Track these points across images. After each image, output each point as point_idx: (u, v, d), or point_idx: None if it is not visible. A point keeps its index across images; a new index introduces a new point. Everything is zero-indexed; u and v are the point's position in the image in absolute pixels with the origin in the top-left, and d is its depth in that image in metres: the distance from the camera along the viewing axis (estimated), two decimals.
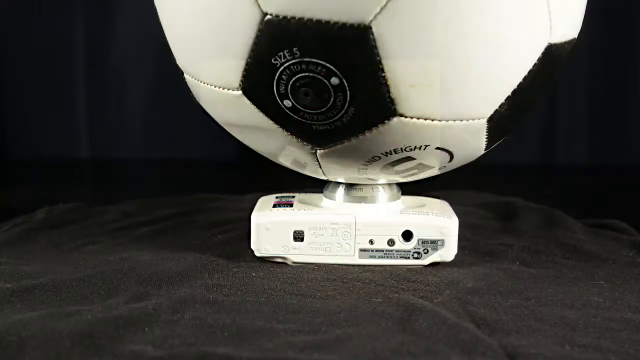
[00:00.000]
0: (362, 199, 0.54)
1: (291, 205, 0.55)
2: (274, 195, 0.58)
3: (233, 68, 0.44)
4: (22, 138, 1.10)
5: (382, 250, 0.53)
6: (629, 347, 0.40)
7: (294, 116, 0.45)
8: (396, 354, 0.38)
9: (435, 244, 0.52)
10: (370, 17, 0.40)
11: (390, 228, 0.52)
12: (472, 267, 0.54)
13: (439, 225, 0.53)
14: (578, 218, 0.70)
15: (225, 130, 0.53)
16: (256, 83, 0.45)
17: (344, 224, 0.52)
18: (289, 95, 0.44)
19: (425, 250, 0.52)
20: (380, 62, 0.41)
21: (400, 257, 0.53)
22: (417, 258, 0.53)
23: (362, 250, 0.53)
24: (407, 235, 0.52)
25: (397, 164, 0.49)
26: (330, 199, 0.55)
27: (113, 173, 1.04)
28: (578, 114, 1.13)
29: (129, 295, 0.47)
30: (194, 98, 0.51)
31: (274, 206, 0.55)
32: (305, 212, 0.53)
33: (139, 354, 0.37)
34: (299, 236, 0.53)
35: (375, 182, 0.54)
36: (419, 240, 0.52)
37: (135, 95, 1.10)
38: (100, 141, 1.10)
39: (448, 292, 0.49)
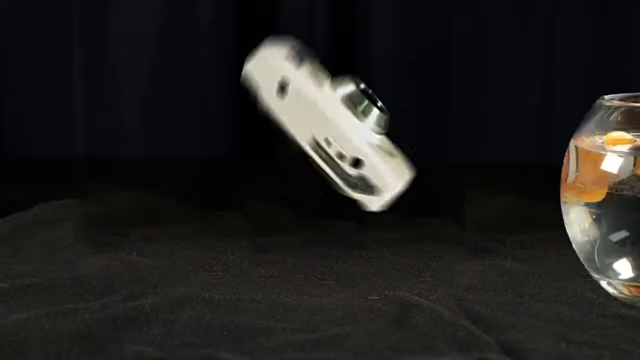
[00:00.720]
0: None
1: None
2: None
3: None
4: (18, 136, 1.10)
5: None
6: (623, 343, 0.41)
7: None
8: (395, 352, 0.38)
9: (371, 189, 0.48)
10: None
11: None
12: (466, 264, 0.55)
13: (385, 177, 0.48)
14: None
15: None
16: None
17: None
18: None
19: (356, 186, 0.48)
20: None
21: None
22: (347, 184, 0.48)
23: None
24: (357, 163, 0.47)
25: None
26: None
27: (109, 171, 1.03)
28: (577, 113, 1.13)
29: (125, 294, 0.46)
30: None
31: None
32: None
33: (140, 355, 0.37)
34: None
35: None
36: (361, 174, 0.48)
37: (132, 94, 1.09)
38: (97, 139, 1.10)
39: (443, 289, 0.49)
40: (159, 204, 0.73)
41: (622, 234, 0.45)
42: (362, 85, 0.49)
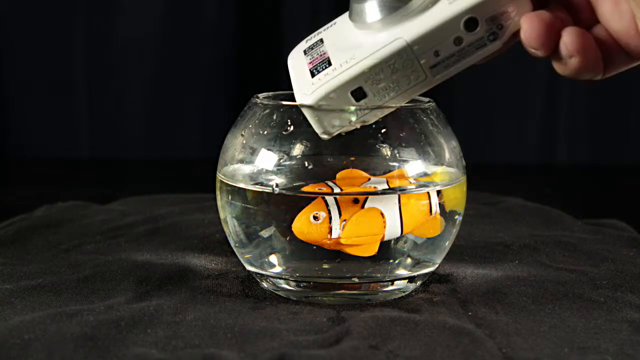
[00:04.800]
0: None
1: (328, 61, 0.43)
2: (301, 50, 0.47)
3: None
4: (23, 138, 1.10)
5: (453, 55, 0.42)
6: (629, 348, 0.40)
7: None
8: (397, 357, 0.38)
9: (506, 14, 0.41)
10: None
11: (449, 28, 0.41)
12: (471, 267, 0.54)
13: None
14: (578, 217, 0.70)
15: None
16: None
17: (397, 53, 0.41)
18: None
19: (500, 26, 0.41)
20: None
21: (477, 49, 0.42)
22: (494, 39, 0.42)
23: (432, 67, 0.42)
24: (471, 25, 0.41)
25: None
26: (364, 28, 0.43)
27: (113, 173, 1.04)
28: (578, 114, 1.13)
29: (130, 296, 0.46)
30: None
31: (312, 74, 0.43)
32: (348, 64, 0.42)
33: (144, 357, 0.37)
34: (360, 94, 0.43)
35: None
36: (486, 20, 0.41)
37: (136, 95, 1.10)
38: (100, 141, 1.10)
39: (447, 291, 0.49)
40: (159, 204, 0.73)
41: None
42: None
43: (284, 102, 0.47)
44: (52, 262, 0.54)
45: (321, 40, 0.45)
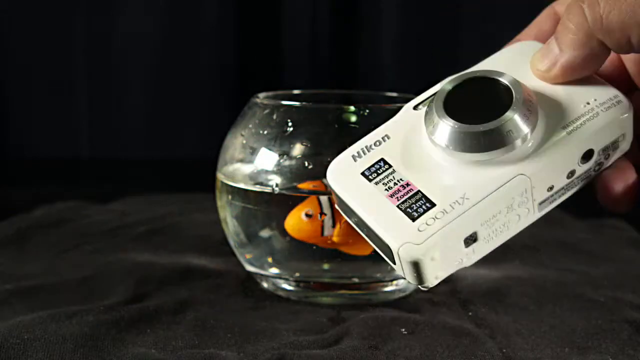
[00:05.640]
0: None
1: (427, 200, 0.34)
2: (358, 172, 0.36)
3: None
4: (22, 138, 1.10)
5: (563, 188, 0.37)
6: (629, 348, 0.40)
7: None
8: (397, 357, 0.38)
9: (616, 143, 0.37)
10: None
11: (568, 161, 0.36)
12: (471, 268, 0.54)
13: (616, 118, 0.36)
14: (578, 217, 0.70)
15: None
16: None
17: (519, 192, 0.35)
18: None
19: (607, 156, 0.37)
20: None
21: (582, 180, 0.37)
22: (599, 170, 0.38)
23: (541, 203, 0.37)
24: (587, 156, 0.36)
25: None
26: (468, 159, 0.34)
27: (113, 173, 1.04)
28: None
29: (129, 296, 0.46)
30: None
31: (410, 216, 0.34)
32: (463, 206, 0.34)
33: (144, 357, 0.37)
34: (471, 239, 0.35)
35: None
36: (599, 151, 0.36)
37: (136, 95, 1.10)
38: (100, 141, 1.10)
39: (447, 292, 0.49)
40: (159, 204, 0.73)
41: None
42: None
43: (284, 102, 0.47)
44: (51, 262, 0.54)
45: (385, 162, 0.36)
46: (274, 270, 0.47)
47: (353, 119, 0.45)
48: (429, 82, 0.38)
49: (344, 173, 0.36)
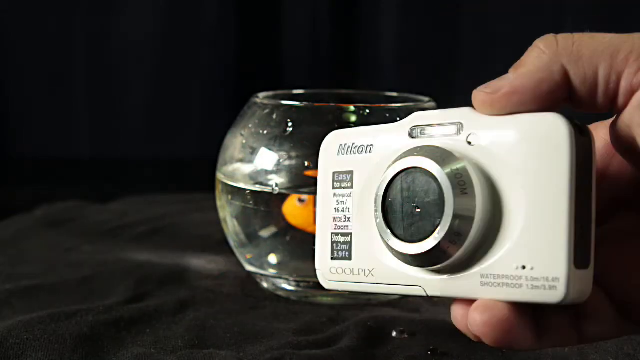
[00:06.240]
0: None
1: (349, 247, 0.32)
2: (334, 152, 0.33)
3: None
4: (22, 137, 1.10)
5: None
6: (629, 347, 0.40)
7: None
8: (397, 357, 0.38)
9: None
10: None
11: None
12: None
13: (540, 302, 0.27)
14: None
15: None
16: None
17: (410, 296, 0.36)
18: None
19: None
20: None
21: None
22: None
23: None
24: None
25: None
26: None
27: (113, 173, 1.04)
28: (578, 113, 1.13)
29: (129, 296, 0.46)
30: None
31: (331, 253, 0.33)
32: (366, 277, 0.32)
33: (143, 357, 0.37)
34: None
35: None
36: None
37: (136, 95, 1.10)
38: (100, 141, 1.10)
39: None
40: (159, 204, 0.73)
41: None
42: None
43: (284, 102, 0.46)
44: (51, 262, 0.54)
45: (351, 178, 0.32)
46: (274, 270, 0.47)
47: (353, 118, 0.45)
48: (429, 82, 0.38)
49: (331, 153, 0.33)
